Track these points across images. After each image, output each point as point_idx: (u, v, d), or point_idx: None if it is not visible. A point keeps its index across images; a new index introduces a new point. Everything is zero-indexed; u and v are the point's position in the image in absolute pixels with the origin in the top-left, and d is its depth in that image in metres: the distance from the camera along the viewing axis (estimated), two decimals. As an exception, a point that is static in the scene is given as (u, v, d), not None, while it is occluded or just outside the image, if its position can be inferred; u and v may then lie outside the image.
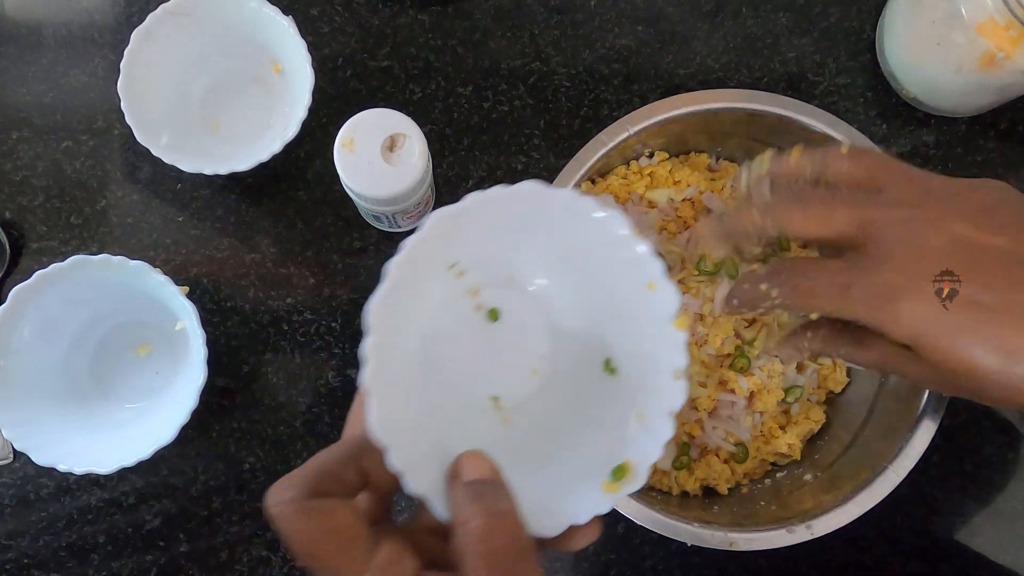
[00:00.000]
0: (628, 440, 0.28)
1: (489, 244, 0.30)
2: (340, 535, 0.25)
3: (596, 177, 0.51)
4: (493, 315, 0.31)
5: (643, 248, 0.28)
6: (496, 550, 0.24)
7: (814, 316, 0.38)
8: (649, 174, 0.51)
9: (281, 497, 0.25)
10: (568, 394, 0.31)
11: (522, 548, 0.25)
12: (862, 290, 0.33)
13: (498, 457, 0.28)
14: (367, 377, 0.25)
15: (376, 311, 0.26)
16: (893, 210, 0.34)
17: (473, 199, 0.28)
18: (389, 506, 0.28)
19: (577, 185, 0.45)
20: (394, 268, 0.26)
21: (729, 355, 0.49)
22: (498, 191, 0.28)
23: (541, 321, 0.31)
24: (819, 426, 0.51)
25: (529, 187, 0.28)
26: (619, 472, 0.28)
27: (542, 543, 0.27)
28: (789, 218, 0.36)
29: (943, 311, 0.32)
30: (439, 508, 0.26)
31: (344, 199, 0.54)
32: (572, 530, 0.27)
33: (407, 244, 0.27)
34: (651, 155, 0.52)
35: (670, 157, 0.52)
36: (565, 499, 0.27)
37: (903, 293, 0.33)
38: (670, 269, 0.48)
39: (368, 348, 0.25)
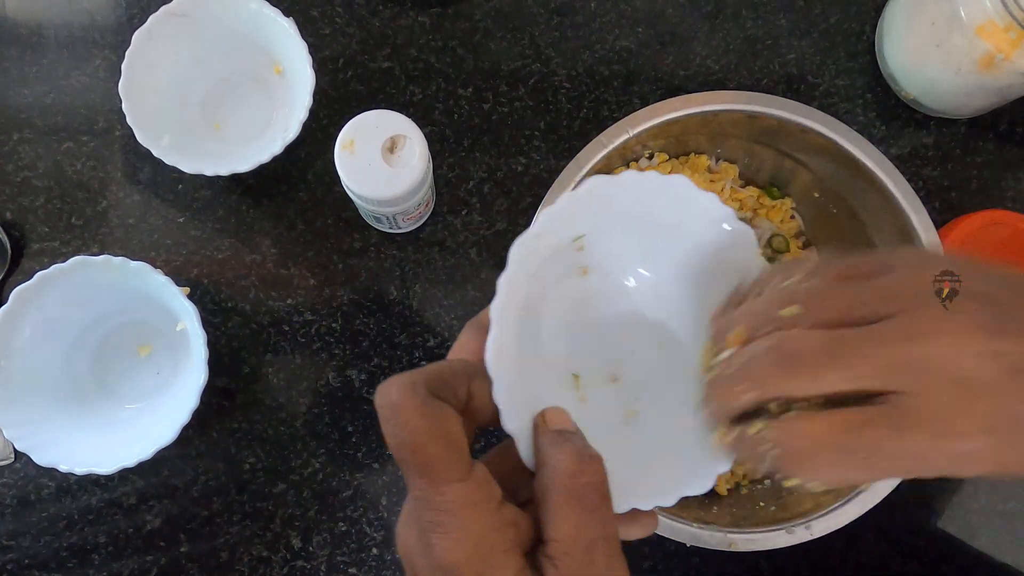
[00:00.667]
0: (700, 444, 0.29)
1: (613, 230, 0.31)
2: (450, 439, 0.25)
3: (596, 178, 0.52)
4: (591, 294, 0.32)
5: (759, 266, 0.29)
6: (583, 486, 0.25)
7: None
8: (649, 175, 0.52)
9: (401, 390, 0.25)
10: (647, 389, 0.32)
11: (605, 491, 0.25)
12: (893, 454, 0.25)
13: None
14: (495, 308, 0.27)
15: (519, 246, 0.27)
16: (912, 347, 0.25)
17: (630, 176, 0.29)
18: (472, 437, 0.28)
19: (576, 185, 0.45)
20: (543, 216, 0.28)
21: None
22: (652, 176, 0.29)
23: (633, 314, 0.32)
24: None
25: (678, 180, 0.29)
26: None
27: None
28: (783, 386, 0.26)
29: (1005, 450, 0.25)
30: (525, 450, 0.27)
31: (344, 200, 0.54)
32: (632, 518, 0.28)
33: (563, 199, 0.28)
34: (651, 156, 0.52)
35: (670, 158, 0.52)
36: (631, 485, 0.28)
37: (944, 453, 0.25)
38: None
39: (503, 281, 0.27)
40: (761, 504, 0.48)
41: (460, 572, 0.24)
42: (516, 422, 0.27)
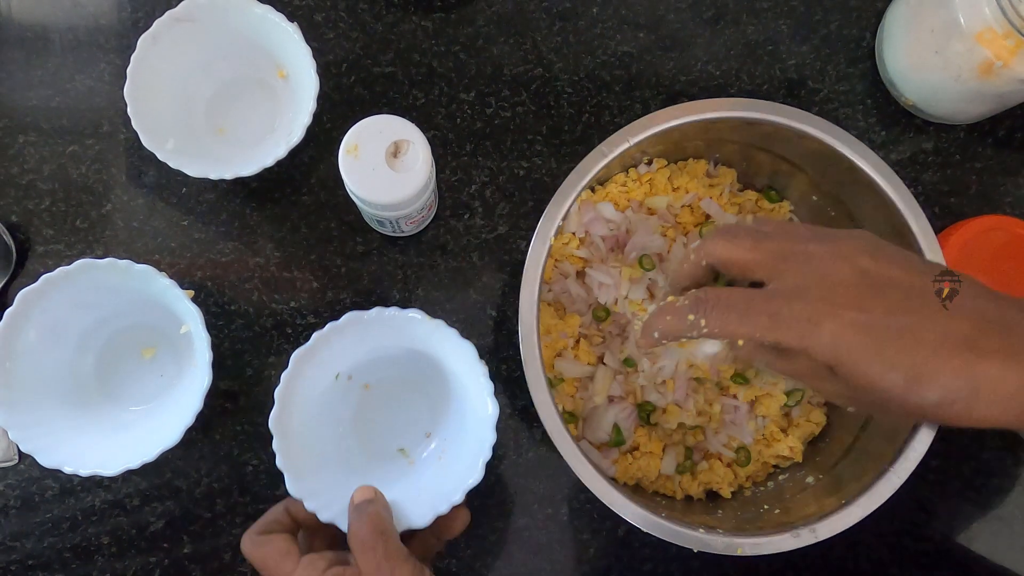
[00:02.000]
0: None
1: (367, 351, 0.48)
2: (277, 552, 0.41)
3: (596, 185, 0.52)
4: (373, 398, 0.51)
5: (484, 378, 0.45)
6: (362, 537, 0.40)
7: (740, 343, 0.40)
8: (648, 181, 0.52)
9: (243, 540, 0.42)
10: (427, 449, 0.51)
11: (383, 531, 0.40)
12: (789, 317, 0.36)
13: (401, 482, 0.47)
14: (278, 462, 0.45)
15: (274, 422, 0.45)
16: (810, 245, 0.38)
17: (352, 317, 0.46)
18: (328, 533, 0.44)
19: (578, 194, 0.45)
20: (283, 384, 0.46)
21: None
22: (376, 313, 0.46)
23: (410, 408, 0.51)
24: (820, 428, 0.51)
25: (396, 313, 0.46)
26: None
27: (434, 531, 0.44)
28: (716, 246, 0.40)
29: (860, 336, 0.35)
30: (343, 524, 0.43)
31: (347, 203, 0.55)
32: (445, 521, 0.44)
33: (296, 358, 0.46)
34: (649, 162, 0.52)
35: (668, 164, 0.52)
36: (407, 512, 0.44)
37: (824, 319, 0.36)
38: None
39: (275, 446, 0.45)
40: (765, 507, 0.48)
41: None
42: (330, 514, 0.44)
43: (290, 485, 0.44)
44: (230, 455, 0.53)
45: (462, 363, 0.46)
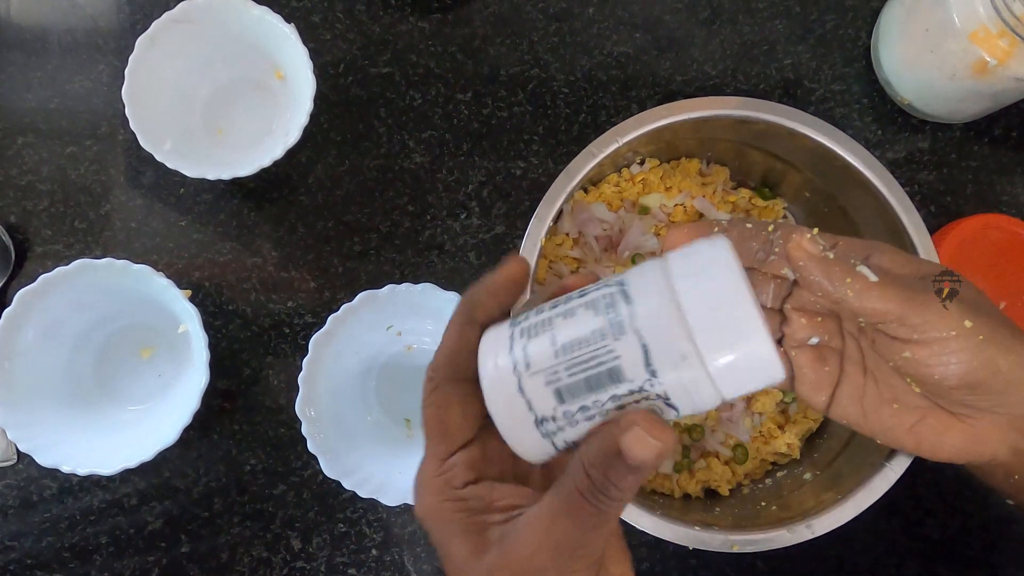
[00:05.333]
0: None
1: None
2: (442, 424, 0.29)
3: (588, 186, 0.52)
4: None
5: None
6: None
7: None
8: (641, 181, 0.52)
9: (425, 377, 0.29)
10: None
11: None
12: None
13: None
14: (310, 446, 0.46)
15: (300, 408, 0.47)
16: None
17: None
18: None
19: (570, 195, 0.45)
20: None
21: None
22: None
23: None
24: (818, 424, 0.51)
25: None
26: None
27: None
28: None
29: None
30: (385, 499, 0.45)
31: (345, 204, 0.55)
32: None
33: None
34: (642, 162, 0.52)
35: (661, 163, 0.53)
36: None
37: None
38: None
39: (305, 431, 0.46)
40: (763, 504, 0.49)
41: (423, 525, 0.29)
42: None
43: (326, 467, 0.46)
44: (228, 454, 0.53)
45: None
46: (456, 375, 0.29)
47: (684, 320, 0.24)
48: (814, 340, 0.37)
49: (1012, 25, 0.45)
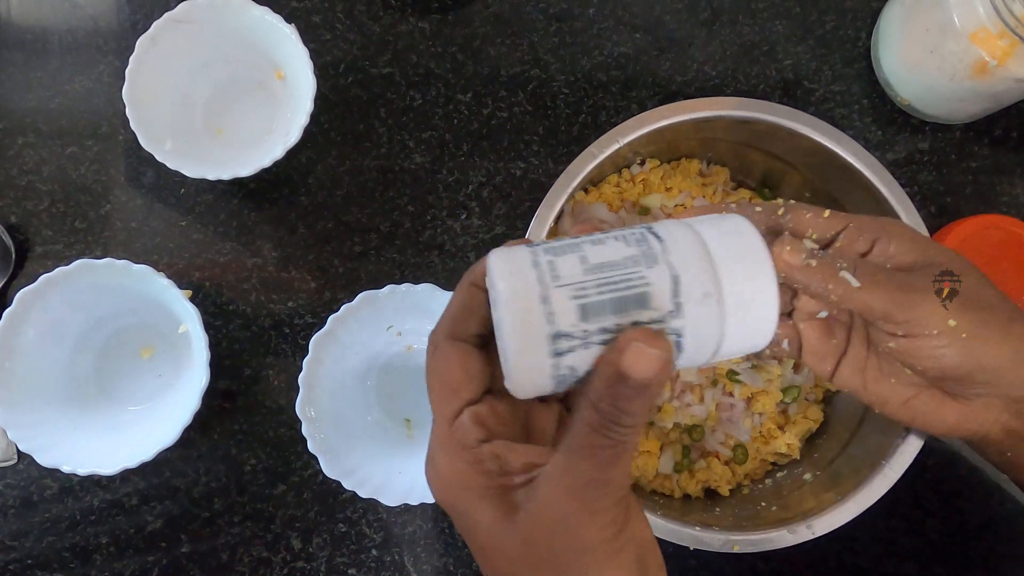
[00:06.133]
0: None
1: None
2: (447, 381, 0.28)
3: (589, 186, 0.52)
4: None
5: None
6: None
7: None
8: (642, 181, 0.52)
9: (432, 336, 0.29)
10: None
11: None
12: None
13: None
14: (310, 446, 0.46)
15: (300, 408, 0.47)
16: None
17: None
18: None
19: (571, 196, 0.45)
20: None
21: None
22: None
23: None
24: (818, 425, 0.51)
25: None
26: None
27: None
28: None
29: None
30: (385, 499, 0.46)
31: (345, 204, 0.55)
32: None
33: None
34: (642, 162, 0.52)
35: (661, 163, 0.53)
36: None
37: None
38: None
39: (305, 432, 0.46)
40: (763, 504, 0.49)
41: (442, 500, 0.28)
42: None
43: (326, 467, 0.46)
44: (228, 454, 0.53)
45: None
46: (456, 334, 0.28)
47: (712, 264, 0.26)
48: (823, 314, 0.39)
49: (1012, 26, 0.45)
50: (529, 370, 0.26)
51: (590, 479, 0.26)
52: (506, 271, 0.26)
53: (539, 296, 0.25)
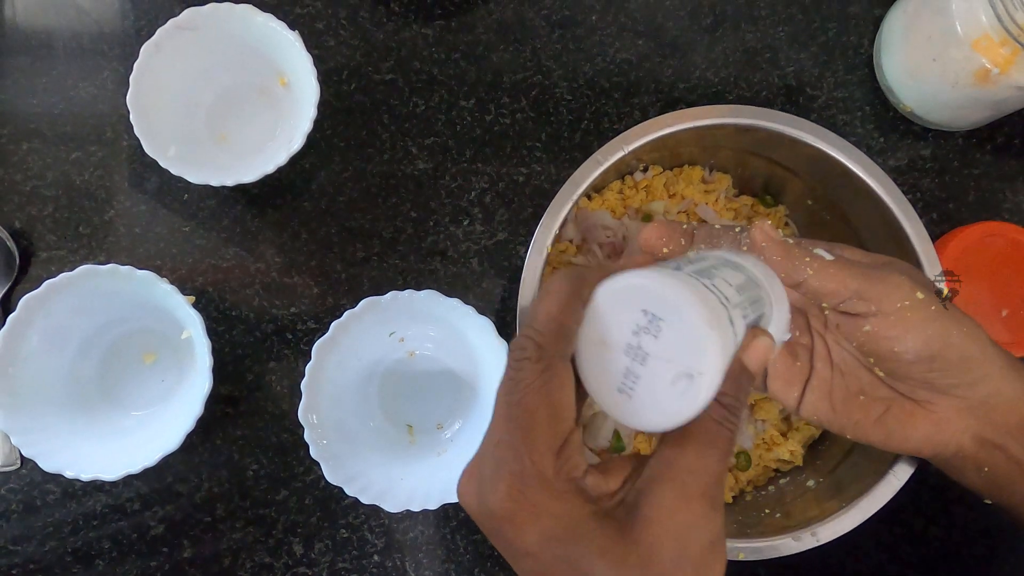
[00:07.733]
0: None
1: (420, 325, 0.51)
2: (560, 409, 0.26)
3: (592, 192, 0.52)
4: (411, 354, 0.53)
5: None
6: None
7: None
8: (645, 188, 0.52)
9: (517, 352, 0.27)
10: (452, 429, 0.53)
11: None
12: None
13: (441, 457, 0.51)
14: (312, 452, 0.46)
15: (303, 415, 0.47)
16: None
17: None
18: None
19: (574, 203, 0.45)
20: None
21: None
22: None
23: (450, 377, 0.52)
24: (820, 432, 0.51)
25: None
26: None
27: None
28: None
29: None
30: (387, 506, 0.47)
31: (348, 209, 0.55)
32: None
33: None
34: (645, 169, 0.52)
35: (664, 170, 0.53)
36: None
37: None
38: None
39: (307, 437, 0.47)
40: (766, 511, 0.48)
41: (538, 552, 0.26)
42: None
43: (328, 473, 0.46)
44: (230, 460, 0.53)
45: (481, 338, 0.48)
46: (565, 352, 0.26)
47: (769, 292, 0.33)
48: (787, 336, 0.38)
49: (1014, 33, 0.45)
50: (713, 387, 0.27)
51: (714, 472, 0.27)
52: (684, 289, 0.26)
53: (727, 318, 0.28)
